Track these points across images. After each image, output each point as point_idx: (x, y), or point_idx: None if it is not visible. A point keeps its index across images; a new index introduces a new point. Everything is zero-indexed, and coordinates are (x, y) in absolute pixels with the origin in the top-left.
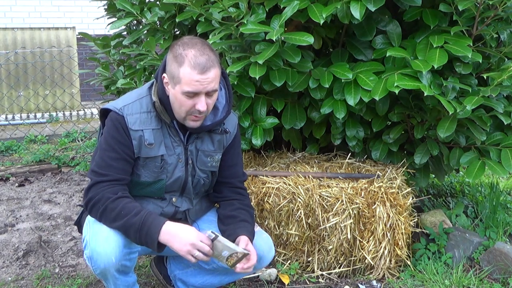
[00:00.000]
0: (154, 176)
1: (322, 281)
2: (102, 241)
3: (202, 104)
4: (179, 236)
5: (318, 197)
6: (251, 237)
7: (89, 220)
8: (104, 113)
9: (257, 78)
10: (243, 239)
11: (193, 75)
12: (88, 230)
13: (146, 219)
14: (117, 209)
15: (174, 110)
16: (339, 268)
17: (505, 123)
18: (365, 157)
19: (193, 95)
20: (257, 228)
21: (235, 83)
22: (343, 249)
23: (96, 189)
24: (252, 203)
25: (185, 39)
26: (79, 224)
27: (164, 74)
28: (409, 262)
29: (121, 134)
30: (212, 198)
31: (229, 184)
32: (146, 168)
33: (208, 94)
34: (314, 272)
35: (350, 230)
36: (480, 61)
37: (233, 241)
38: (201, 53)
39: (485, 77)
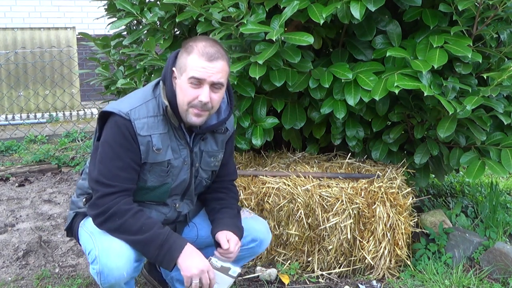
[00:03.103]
0: (160, 180)
1: (322, 281)
2: (114, 257)
3: (205, 94)
4: (193, 259)
5: (318, 197)
6: (234, 222)
7: (91, 231)
8: (105, 116)
9: (257, 78)
10: (221, 236)
11: (200, 61)
12: (94, 244)
13: (169, 237)
14: (138, 223)
15: (178, 105)
16: (339, 268)
17: (505, 123)
18: (365, 157)
19: (197, 83)
20: (252, 214)
21: (235, 83)
22: (343, 249)
23: (107, 201)
24: (252, 203)
25: (199, 36)
26: (70, 229)
27: (174, 68)
28: (409, 262)
29: (128, 140)
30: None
31: (220, 182)
32: (153, 173)
33: (214, 87)
34: (314, 272)
35: (350, 230)
36: (480, 61)
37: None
38: (211, 45)
39: (485, 77)
